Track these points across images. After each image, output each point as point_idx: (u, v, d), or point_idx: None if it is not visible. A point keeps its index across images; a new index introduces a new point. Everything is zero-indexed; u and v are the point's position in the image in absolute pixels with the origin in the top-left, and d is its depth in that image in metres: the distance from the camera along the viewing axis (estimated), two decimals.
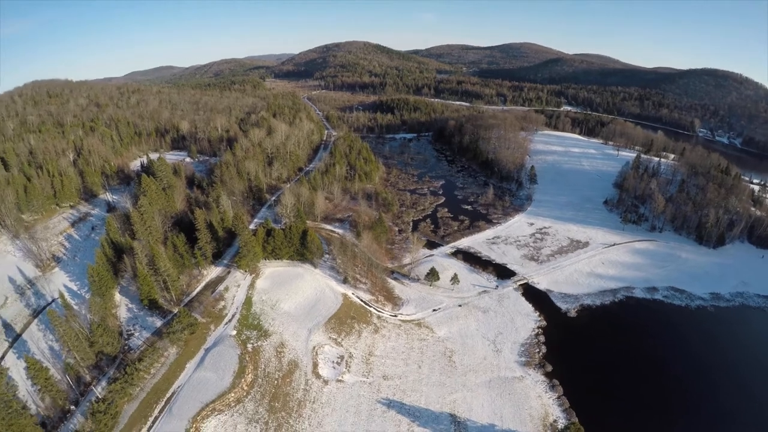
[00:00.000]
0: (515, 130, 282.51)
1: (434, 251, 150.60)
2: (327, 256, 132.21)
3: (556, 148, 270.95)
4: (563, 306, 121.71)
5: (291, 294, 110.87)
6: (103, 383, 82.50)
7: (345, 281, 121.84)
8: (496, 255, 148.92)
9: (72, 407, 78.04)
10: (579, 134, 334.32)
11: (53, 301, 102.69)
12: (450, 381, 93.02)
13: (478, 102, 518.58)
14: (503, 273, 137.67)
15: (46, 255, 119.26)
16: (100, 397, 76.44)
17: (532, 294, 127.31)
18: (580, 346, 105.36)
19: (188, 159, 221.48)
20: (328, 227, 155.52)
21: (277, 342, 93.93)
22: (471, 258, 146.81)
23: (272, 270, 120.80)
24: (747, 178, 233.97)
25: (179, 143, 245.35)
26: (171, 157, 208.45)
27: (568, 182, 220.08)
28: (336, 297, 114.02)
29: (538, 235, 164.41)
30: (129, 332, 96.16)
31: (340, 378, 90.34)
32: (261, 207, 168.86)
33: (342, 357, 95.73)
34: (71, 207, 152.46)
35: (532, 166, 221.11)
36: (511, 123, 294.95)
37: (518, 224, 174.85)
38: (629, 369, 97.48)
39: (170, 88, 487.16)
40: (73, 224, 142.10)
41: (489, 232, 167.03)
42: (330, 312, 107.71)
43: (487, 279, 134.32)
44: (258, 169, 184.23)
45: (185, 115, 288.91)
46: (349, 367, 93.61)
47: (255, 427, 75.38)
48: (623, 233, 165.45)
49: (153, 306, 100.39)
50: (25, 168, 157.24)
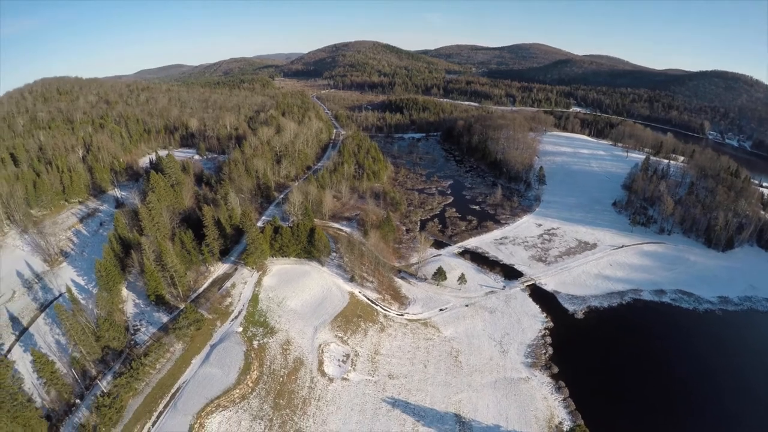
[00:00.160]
0: (524, 131, 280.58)
1: (442, 251, 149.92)
2: (334, 255, 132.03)
3: (565, 149, 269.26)
4: (570, 307, 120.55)
5: (298, 291, 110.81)
6: (109, 377, 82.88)
7: (352, 280, 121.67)
8: (504, 255, 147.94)
9: (77, 401, 78.49)
10: (588, 135, 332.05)
11: (60, 296, 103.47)
12: (455, 381, 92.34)
13: (487, 102, 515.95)
14: (510, 273, 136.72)
15: (54, 250, 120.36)
16: (106, 392, 76.85)
17: (540, 295, 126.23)
18: (587, 348, 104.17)
19: (197, 156, 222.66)
20: (336, 225, 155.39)
21: (283, 339, 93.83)
22: (478, 258, 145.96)
23: (279, 267, 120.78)
24: (757, 182, 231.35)
25: (188, 141, 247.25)
26: (180, 155, 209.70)
27: (577, 183, 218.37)
28: (343, 295, 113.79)
29: (546, 236, 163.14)
30: (135, 327, 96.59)
31: (346, 376, 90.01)
32: (269, 205, 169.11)
33: (348, 355, 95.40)
34: (80, 203, 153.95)
35: (541, 167, 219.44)
36: (520, 124, 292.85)
37: (526, 225, 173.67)
38: (636, 371, 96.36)
39: (179, 86, 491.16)
40: (82, 220, 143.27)
41: (497, 233, 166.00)
42: (336, 310, 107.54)
43: (495, 279, 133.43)
44: (266, 167, 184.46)
45: (194, 113, 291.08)
46: (355, 366, 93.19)
47: (259, 424, 75.26)
48: (632, 235, 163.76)
49: (160, 301, 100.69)
50: (35, 164, 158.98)
